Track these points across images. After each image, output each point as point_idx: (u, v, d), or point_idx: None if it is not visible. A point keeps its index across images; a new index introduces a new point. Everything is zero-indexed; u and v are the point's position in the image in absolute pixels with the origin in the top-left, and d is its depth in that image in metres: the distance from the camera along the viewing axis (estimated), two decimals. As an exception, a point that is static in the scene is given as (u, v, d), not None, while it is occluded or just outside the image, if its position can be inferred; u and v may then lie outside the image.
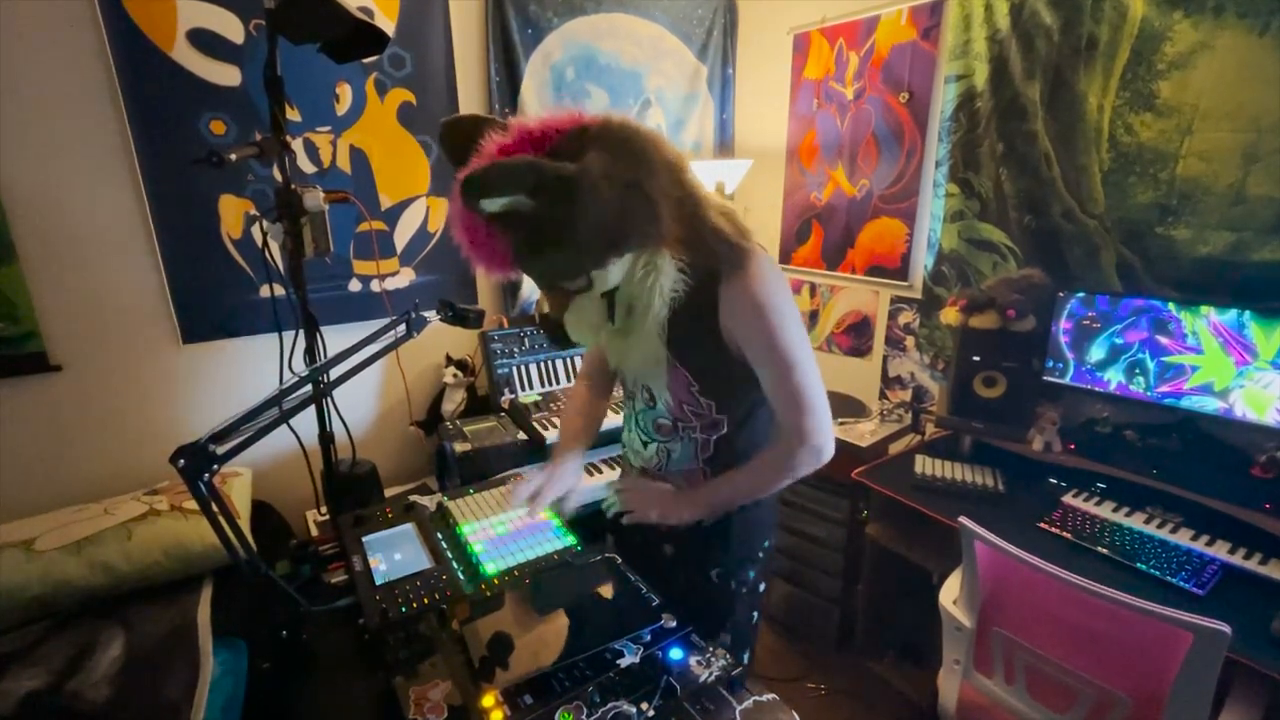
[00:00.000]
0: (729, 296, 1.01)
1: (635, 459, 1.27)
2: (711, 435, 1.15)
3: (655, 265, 0.98)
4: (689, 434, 1.15)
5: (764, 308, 1.00)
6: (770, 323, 1.00)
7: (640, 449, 1.24)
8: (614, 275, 0.99)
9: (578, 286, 1.00)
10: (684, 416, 1.14)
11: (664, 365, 1.09)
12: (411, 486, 2.21)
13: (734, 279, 1.00)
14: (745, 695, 0.84)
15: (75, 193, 1.74)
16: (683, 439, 1.16)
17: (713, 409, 1.12)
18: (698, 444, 1.16)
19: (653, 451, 1.21)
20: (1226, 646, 1.06)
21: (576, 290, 1.01)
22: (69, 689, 1.18)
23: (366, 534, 1.24)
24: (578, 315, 1.06)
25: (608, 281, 1.00)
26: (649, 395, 1.17)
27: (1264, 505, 1.49)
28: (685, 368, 1.09)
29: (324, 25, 1.38)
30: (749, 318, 1.01)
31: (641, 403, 1.20)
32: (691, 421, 1.14)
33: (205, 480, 0.86)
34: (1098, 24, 1.74)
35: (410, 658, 0.91)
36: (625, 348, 1.10)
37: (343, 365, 1.11)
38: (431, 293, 2.33)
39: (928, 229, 2.27)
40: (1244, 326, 1.53)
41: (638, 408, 1.22)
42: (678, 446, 1.17)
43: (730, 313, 1.01)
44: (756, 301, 1.00)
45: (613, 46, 2.55)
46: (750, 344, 1.03)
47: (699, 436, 1.15)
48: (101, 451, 1.88)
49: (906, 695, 2.05)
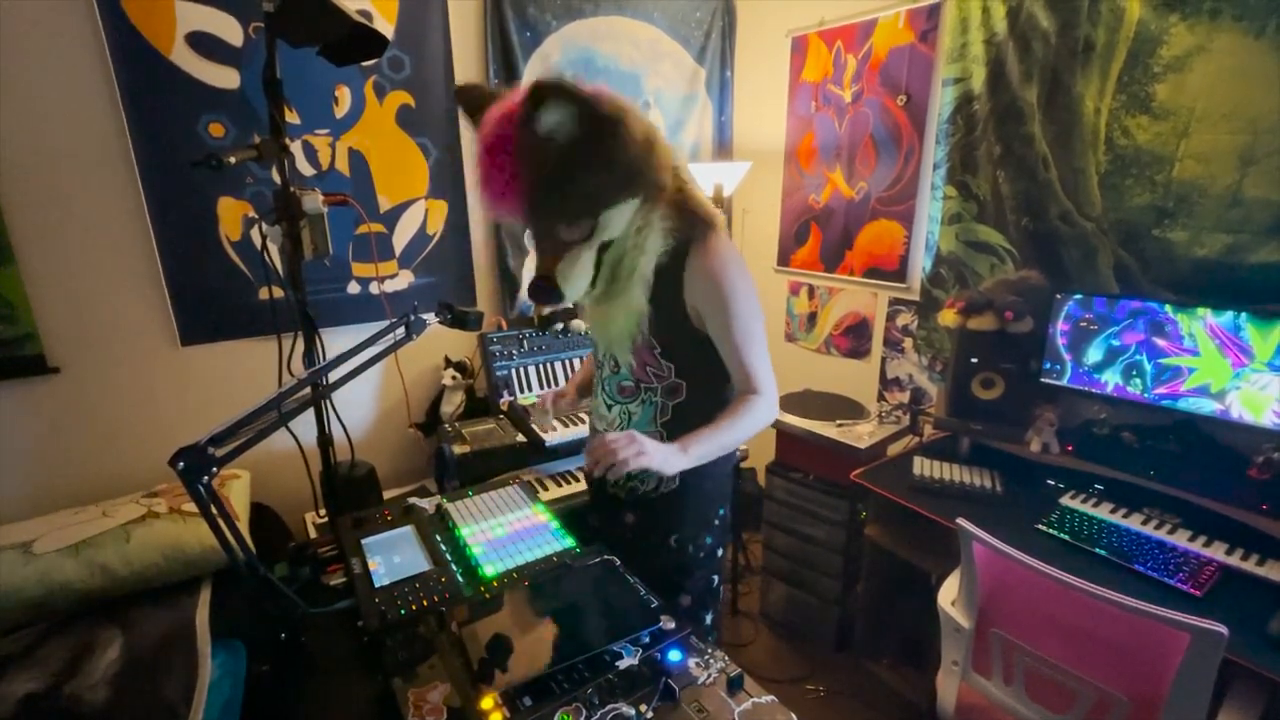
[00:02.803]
0: (694, 265, 1.13)
1: (600, 424, 1.35)
2: (670, 400, 1.24)
3: (650, 221, 1.10)
4: (650, 397, 1.25)
5: (723, 277, 1.12)
6: (726, 291, 1.12)
7: (605, 413, 1.32)
8: (617, 223, 1.09)
9: (578, 235, 1.08)
10: (645, 378, 1.23)
11: (646, 325, 1.17)
12: (410, 488, 2.21)
13: (699, 250, 1.13)
14: (744, 697, 0.84)
15: (74, 194, 1.74)
16: (644, 402, 1.25)
17: (672, 371, 1.22)
18: (657, 407, 1.25)
19: (615, 414, 1.30)
20: (1224, 647, 1.06)
21: (573, 241, 1.08)
22: (67, 691, 1.18)
23: (365, 536, 1.24)
24: (570, 265, 1.10)
25: (609, 229, 1.08)
26: (614, 362, 1.27)
27: (1261, 506, 1.49)
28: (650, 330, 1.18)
29: (323, 28, 1.38)
30: (710, 285, 1.12)
31: (608, 369, 1.30)
32: (652, 382, 1.23)
33: (204, 482, 0.86)
34: (1094, 27, 1.75)
35: (409, 660, 0.91)
36: (607, 312, 1.19)
37: (342, 368, 1.12)
38: (430, 295, 2.33)
39: (926, 231, 2.27)
40: (1240, 328, 1.54)
41: (604, 374, 1.32)
42: (638, 410, 1.26)
43: (693, 280, 1.13)
44: (716, 271, 1.12)
45: (611, 49, 2.55)
46: (709, 310, 1.14)
47: (658, 400, 1.24)
48: (100, 453, 1.88)
49: (905, 696, 2.05)
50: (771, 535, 2.38)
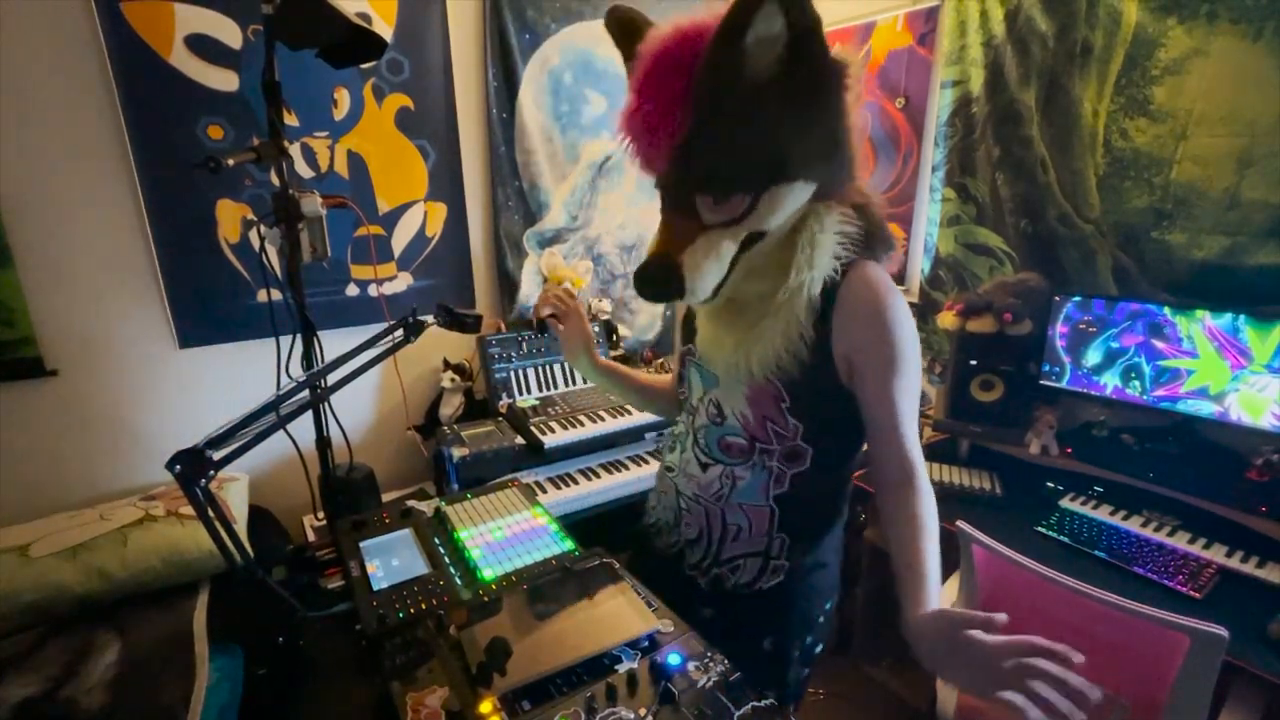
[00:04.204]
0: (855, 298, 0.87)
1: (687, 485, 1.06)
2: (790, 469, 0.97)
3: (823, 224, 0.86)
4: (764, 460, 0.97)
5: (893, 321, 0.86)
6: (894, 340, 0.86)
7: (698, 472, 1.03)
8: (783, 208, 0.84)
9: (728, 213, 0.84)
10: (764, 436, 0.96)
11: (788, 367, 0.90)
12: (409, 491, 2.21)
13: (861, 279, 0.88)
14: (744, 700, 0.84)
15: (72, 197, 1.74)
16: (755, 465, 0.98)
17: (799, 433, 0.94)
18: (771, 474, 0.97)
19: (714, 476, 1.01)
20: (1224, 650, 1.06)
21: (717, 222, 0.85)
22: (64, 695, 1.17)
23: (363, 539, 1.24)
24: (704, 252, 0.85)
25: (769, 215, 0.84)
26: (717, 409, 1.00)
27: (1260, 508, 1.49)
28: (777, 377, 0.92)
29: (322, 31, 1.38)
30: (875, 329, 0.87)
31: (705, 417, 1.02)
32: (772, 444, 0.96)
33: (202, 486, 0.86)
34: (1092, 30, 1.75)
35: (408, 663, 0.91)
36: (733, 331, 0.94)
37: (341, 370, 1.11)
38: (429, 297, 2.33)
39: (924, 233, 2.28)
40: (1239, 330, 1.54)
41: (699, 422, 1.04)
42: (747, 474, 0.98)
43: (852, 318, 0.87)
44: (883, 311, 0.86)
45: (610, 52, 2.51)
46: (868, 362, 0.88)
47: (774, 466, 0.97)
48: (97, 457, 1.88)
49: (904, 699, 2.05)
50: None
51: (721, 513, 1.02)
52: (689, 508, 1.06)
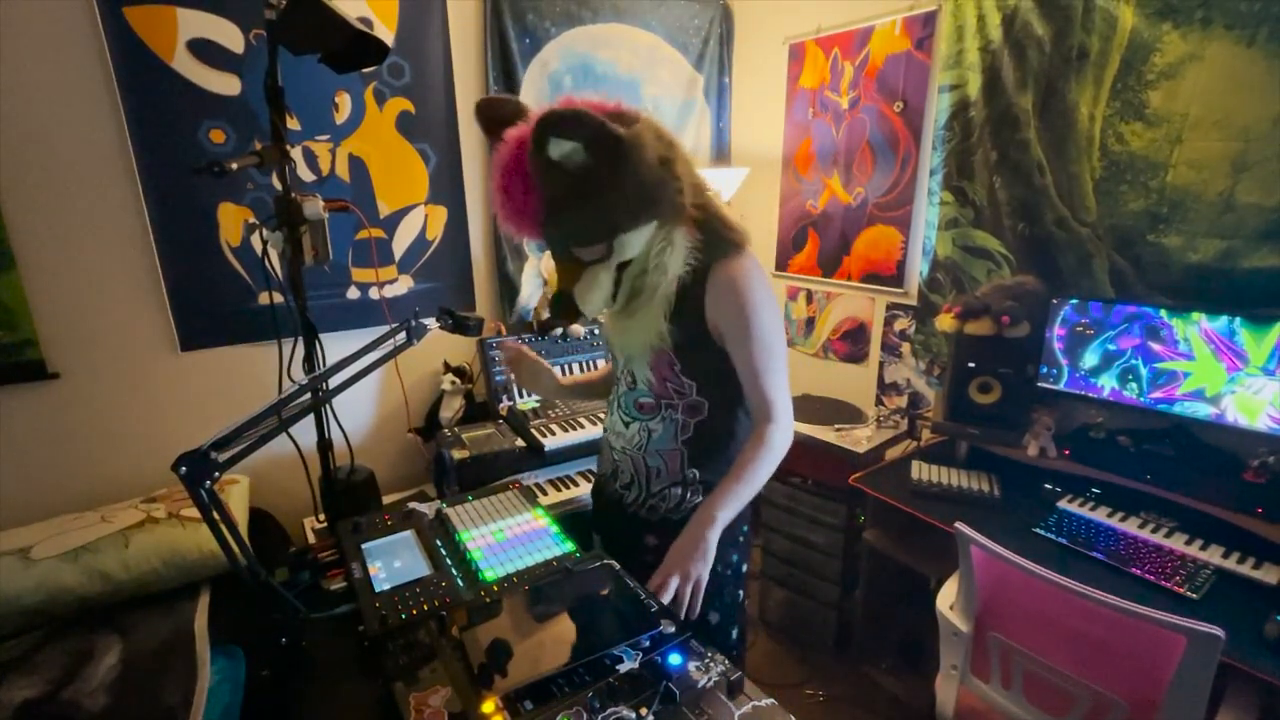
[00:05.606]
0: (716, 284, 1.11)
1: (617, 440, 1.31)
2: (692, 418, 1.21)
3: (671, 241, 1.10)
4: (670, 414, 1.21)
5: (745, 298, 1.11)
6: (747, 313, 1.11)
7: (622, 429, 1.28)
8: (634, 245, 1.08)
9: (597, 255, 1.08)
10: (666, 394, 1.20)
11: (666, 342, 1.14)
12: (410, 493, 2.21)
13: (722, 268, 1.12)
14: (744, 700, 0.84)
15: (75, 200, 1.75)
16: (664, 419, 1.22)
17: (693, 389, 1.19)
18: (678, 424, 1.21)
19: (634, 431, 1.26)
20: (1220, 650, 1.07)
21: (592, 261, 1.08)
22: (65, 697, 1.18)
23: (365, 541, 1.25)
24: (588, 285, 1.10)
25: (626, 251, 1.08)
26: (632, 377, 1.24)
27: (1256, 510, 1.50)
28: (668, 347, 1.16)
29: (324, 36, 1.39)
30: (731, 305, 1.11)
31: (625, 385, 1.27)
32: (673, 399, 1.20)
33: (206, 487, 0.86)
34: (1088, 35, 1.77)
35: (410, 664, 0.92)
36: (626, 327, 1.19)
37: (342, 373, 1.12)
38: (429, 300, 2.34)
39: (923, 236, 2.29)
40: (1235, 333, 1.55)
41: (620, 390, 1.28)
42: (659, 426, 1.23)
43: (715, 297, 1.12)
44: (737, 291, 1.11)
45: (609, 56, 2.57)
46: (730, 331, 1.13)
47: (679, 418, 1.21)
48: (99, 459, 1.88)
49: (904, 700, 2.05)
50: (770, 540, 2.38)
51: (644, 459, 1.25)
52: (620, 459, 1.30)
